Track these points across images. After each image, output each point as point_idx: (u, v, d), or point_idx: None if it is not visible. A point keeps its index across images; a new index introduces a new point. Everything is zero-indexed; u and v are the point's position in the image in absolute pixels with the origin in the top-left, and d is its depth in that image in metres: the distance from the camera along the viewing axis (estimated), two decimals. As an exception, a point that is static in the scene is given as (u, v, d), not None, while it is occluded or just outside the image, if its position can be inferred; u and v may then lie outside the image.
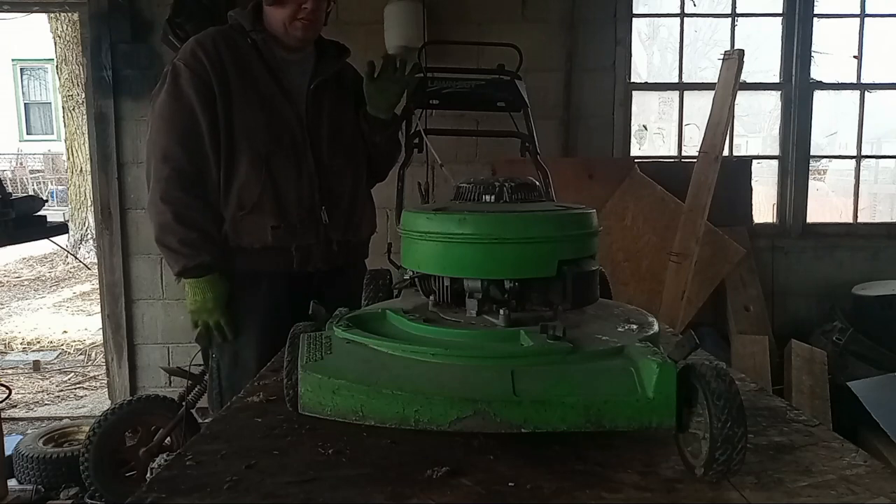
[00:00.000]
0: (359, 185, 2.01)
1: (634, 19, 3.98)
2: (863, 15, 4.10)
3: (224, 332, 1.85)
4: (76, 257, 8.45)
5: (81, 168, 8.37)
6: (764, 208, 4.20)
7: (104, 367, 4.21)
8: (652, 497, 0.84)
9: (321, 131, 1.90)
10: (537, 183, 1.20)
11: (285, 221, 1.83)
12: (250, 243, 1.83)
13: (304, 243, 1.87)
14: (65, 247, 8.12)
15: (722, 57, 3.58)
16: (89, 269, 7.66)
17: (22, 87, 16.00)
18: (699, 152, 3.61)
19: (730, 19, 4.08)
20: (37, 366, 5.26)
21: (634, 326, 1.06)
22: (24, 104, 16.03)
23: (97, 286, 4.31)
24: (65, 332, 6.27)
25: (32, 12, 5.98)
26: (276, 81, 1.85)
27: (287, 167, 1.84)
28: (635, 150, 4.19)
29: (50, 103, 15.61)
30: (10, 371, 5.17)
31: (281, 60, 1.88)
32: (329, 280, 1.91)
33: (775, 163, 4.19)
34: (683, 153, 4.14)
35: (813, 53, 4.05)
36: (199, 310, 1.81)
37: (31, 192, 10.02)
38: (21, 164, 14.74)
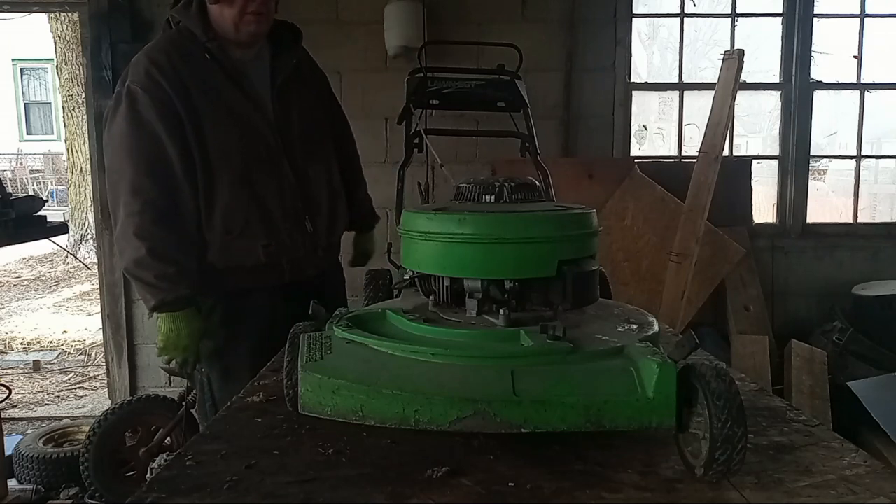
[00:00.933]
0: (332, 186, 1.95)
1: (634, 19, 3.98)
2: (863, 15, 4.09)
3: (188, 367, 1.79)
4: (76, 257, 8.44)
5: (81, 168, 8.37)
6: (764, 208, 4.20)
7: (104, 367, 4.21)
8: (652, 497, 0.84)
9: (292, 134, 1.83)
10: (537, 183, 1.20)
11: (276, 239, 1.78)
12: (241, 263, 1.77)
13: (295, 255, 1.83)
14: (65, 247, 8.11)
15: (722, 57, 3.58)
16: (89, 269, 7.66)
17: (22, 87, 15.99)
18: (699, 152, 3.61)
19: (730, 19, 4.07)
20: (37, 366, 5.26)
21: (634, 326, 1.06)
22: (24, 104, 16.02)
23: (97, 286, 4.31)
24: (65, 332, 6.27)
25: (32, 12, 5.98)
26: (239, 89, 1.76)
27: (268, 182, 1.77)
28: (635, 150, 4.18)
29: (50, 103, 15.59)
30: (10, 371, 5.17)
31: (238, 63, 1.78)
32: (315, 284, 1.87)
33: (775, 163, 4.19)
34: (683, 153, 4.14)
35: (813, 53, 4.04)
36: (170, 346, 1.73)
37: (31, 192, 10.03)
38: (21, 164, 14.72)
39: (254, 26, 1.73)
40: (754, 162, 4.11)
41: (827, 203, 5.91)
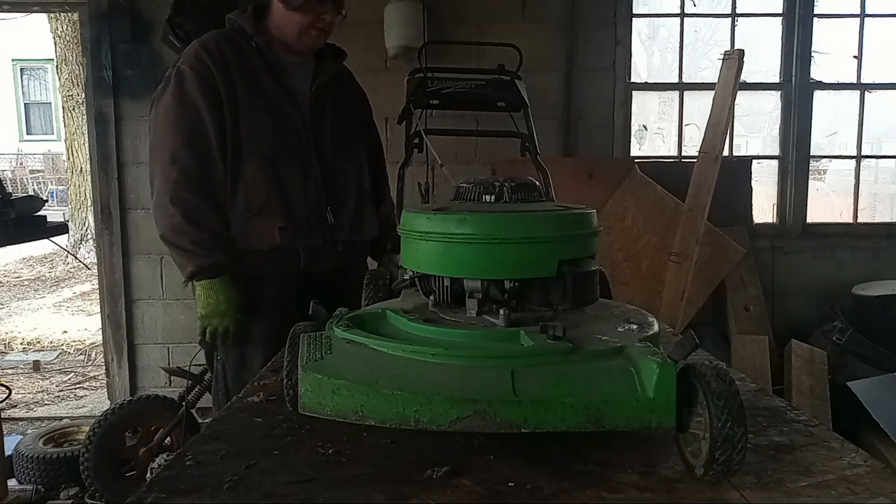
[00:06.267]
0: (361, 186, 2.02)
1: (634, 19, 3.98)
2: (863, 15, 4.10)
3: (229, 337, 1.83)
4: (76, 257, 8.45)
5: (81, 168, 8.38)
6: (764, 208, 4.20)
7: (104, 367, 4.21)
8: (652, 497, 0.84)
9: (324, 132, 1.92)
10: (537, 183, 1.19)
11: (292, 223, 1.84)
12: (258, 245, 1.83)
13: (312, 244, 1.87)
14: (65, 247, 8.11)
15: (722, 57, 3.58)
16: (89, 269, 7.66)
17: (22, 87, 16.00)
18: (699, 152, 3.61)
19: (730, 19, 4.08)
20: (37, 366, 5.26)
21: (634, 326, 1.06)
22: (24, 104, 16.03)
23: (97, 286, 4.32)
24: (65, 332, 6.27)
25: (32, 12, 5.97)
26: (279, 84, 1.87)
27: (293, 169, 1.85)
28: (635, 150, 4.19)
29: (50, 103, 15.61)
30: (10, 371, 5.17)
31: (284, 63, 1.90)
32: (333, 280, 1.91)
33: (775, 163, 4.19)
34: (683, 153, 4.14)
35: (813, 53, 4.05)
36: (211, 313, 1.79)
37: (31, 192, 10.03)
38: (21, 164, 14.74)
39: (314, 40, 1.88)
40: (754, 162, 4.12)
41: (827, 203, 5.90)
